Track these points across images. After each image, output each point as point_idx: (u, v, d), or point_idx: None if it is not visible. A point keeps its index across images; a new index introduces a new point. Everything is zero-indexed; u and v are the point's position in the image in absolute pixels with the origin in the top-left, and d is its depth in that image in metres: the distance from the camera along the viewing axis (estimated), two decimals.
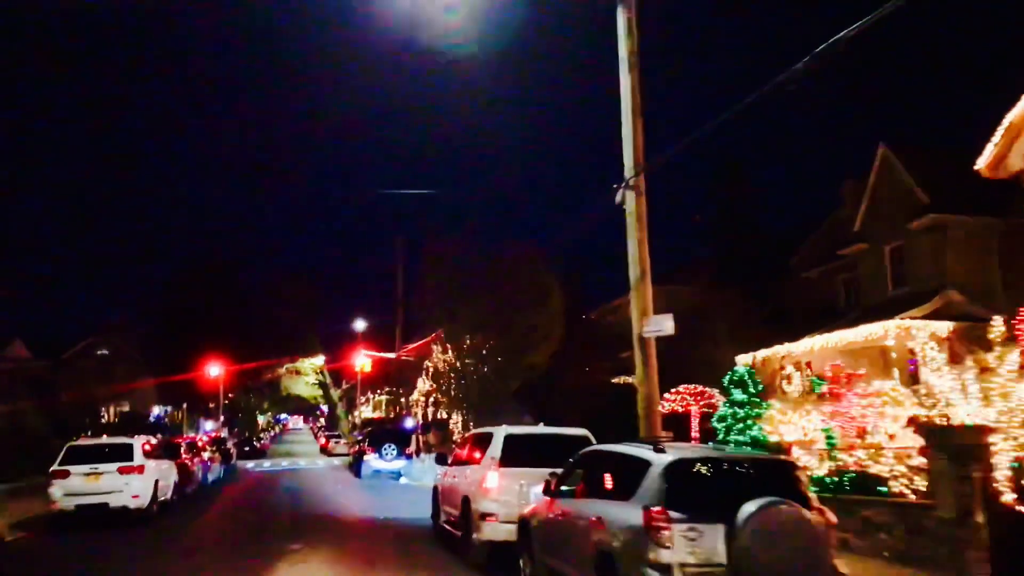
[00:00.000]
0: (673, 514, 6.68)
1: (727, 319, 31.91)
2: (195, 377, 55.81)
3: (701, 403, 26.42)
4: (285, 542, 13.51)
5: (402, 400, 44.79)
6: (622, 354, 34.35)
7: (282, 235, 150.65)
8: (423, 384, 43.53)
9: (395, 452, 29.81)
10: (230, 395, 70.39)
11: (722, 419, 17.30)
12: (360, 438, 35.12)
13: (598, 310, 38.20)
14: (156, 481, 17.13)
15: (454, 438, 42.51)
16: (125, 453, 16.56)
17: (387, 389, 79.63)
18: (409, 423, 45.20)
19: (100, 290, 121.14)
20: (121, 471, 16.22)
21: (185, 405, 45.79)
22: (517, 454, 11.44)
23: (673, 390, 27.77)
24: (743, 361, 27.91)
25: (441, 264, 22.31)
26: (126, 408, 55.93)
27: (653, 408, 12.57)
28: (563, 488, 9.11)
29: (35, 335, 60.40)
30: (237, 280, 63.10)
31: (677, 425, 27.16)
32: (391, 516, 17.68)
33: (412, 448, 30.72)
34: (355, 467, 32.15)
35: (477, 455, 12.42)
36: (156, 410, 61.69)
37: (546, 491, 9.37)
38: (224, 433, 72.30)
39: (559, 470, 10.27)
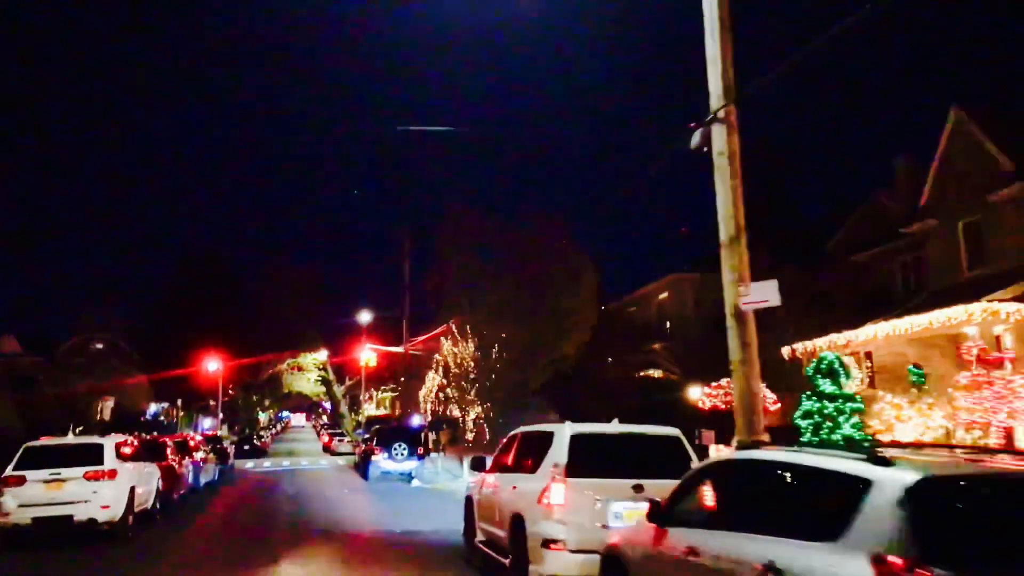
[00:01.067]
0: (938, 572, 3.82)
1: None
2: (192, 373, 53.00)
3: None
4: (284, 564, 10.71)
5: (417, 395, 41.92)
6: (648, 346, 31.58)
7: (283, 225, 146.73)
8: (432, 379, 40.70)
9: (406, 452, 26.99)
10: (231, 392, 67.59)
11: (807, 415, 14.45)
12: (367, 437, 32.28)
13: (620, 301, 35.38)
14: (132, 488, 14.29)
15: (466, 436, 39.77)
16: (94, 455, 13.73)
17: (391, 386, 76.86)
18: (415, 421, 42.44)
19: (96, 284, 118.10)
20: (88, 477, 13.40)
21: (180, 402, 42.85)
22: (589, 460, 8.62)
23: (714, 384, 25.00)
24: (786, 352, 25.17)
25: (460, 242, 19.40)
26: (118, 405, 53.05)
27: (755, 402, 9.78)
28: (682, 512, 6.28)
29: (29, 330, 57.52)
30: (236, 272, 60.32)
31: (717, 423, 24.43)
32: (409, 529, 14.84)
33: (424, 448, 27.87)
34: (362, 468, 29.30)
35: (528, 461, 9.60)
36: (153, 407, 58.84)
37: (653, 516, 6.51)
38: (224, 431, 69.56)
39: (657, 483, 7.49)
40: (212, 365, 49.45)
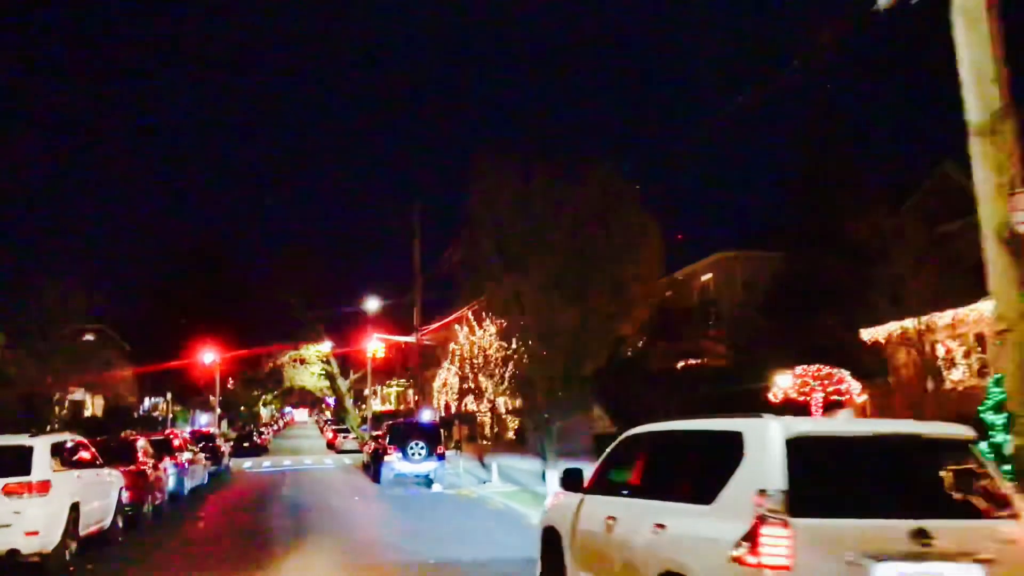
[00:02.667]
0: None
1: (825, 287, 25.40)
2: (189, 366, 49.14)
3: (830, 388, 19.74)
4: None
5: (430, 388, 38.09)
6: (691, 333, 27.69)
7: (283, 208, 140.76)
8: (448, 370, 36.83)
9: (424, 452, 23.09)
10: (230, 386, 63.77)
11: (998, 407, 10.41)
12: (379, 434, 28.42)
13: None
14: (74, 505, 10.43)
15: (485, 433, 35.94)
16: (18, 462, 9.85)
17: (397, 380, 72.88)
18: (426, 415, 38.57)
19: (86, 273, 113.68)
20: (8, 492, 9.56)
21: (169, 395, 38.99)
22: (824, 485, 4.75)
23: (794, 373, 21.15)
24: (869, 336, 21.32)
25: (495, 201, 15.51)
26: (109, 401, 49.20)
27: None
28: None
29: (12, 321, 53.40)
30: (233, 259, 56.46)
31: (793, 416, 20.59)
32: (446, 558, 10.94)
33: (443, 446, 24.00)
34: (373, 470, 25.42)
35: (684, 482, 5.75)
36: (147, 403, 54.97)
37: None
38: (223, 427, 65.69)
39: (951, 526, 4.01)
40: (208, 357, 45.48)
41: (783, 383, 17.10)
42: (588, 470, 7.48)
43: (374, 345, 41.53)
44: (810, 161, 28.05)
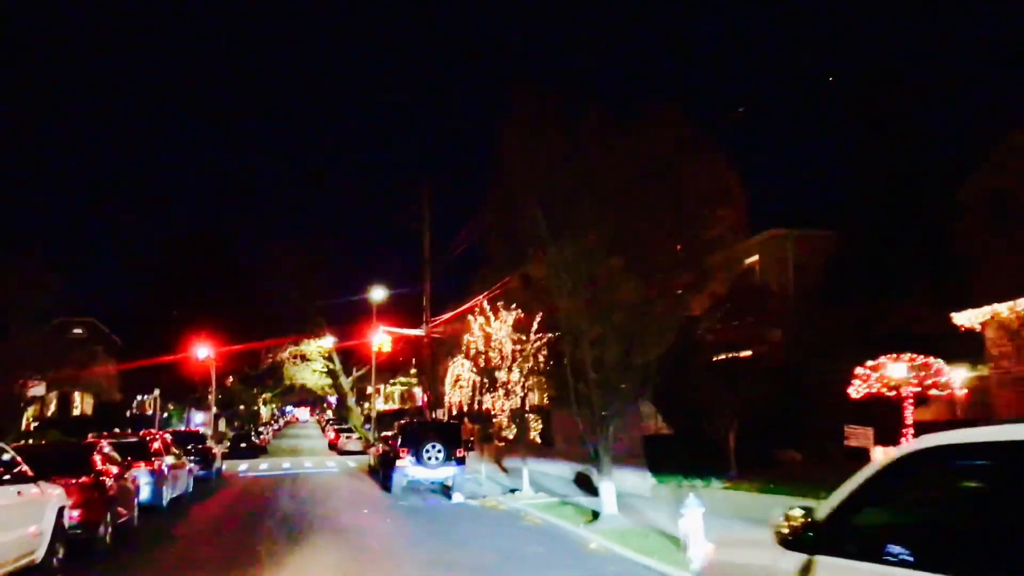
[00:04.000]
0: None
1: (893, 268, 22.27)
2: (183, 362, 45.79)
3: (928, 381, 16.42)
4: None
5: (441, 385, 34.75)
6: (734, 320, 24.44)
7: (282, 196, 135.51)
8: (460, 365, 33.52)
9: (442, 455, 19.84)
10: (229, 383, 60.45)
11: None
12: (388, 434, 25.15)
13: None
14: None
15: (503, 434, 32.67)
16: None
17: (400, 379, 69.60)
18: (438, 413, 35.41)
19: (76, 264, 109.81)
20: None
21: (157, 391, 35.71)
22: None
23: (869, 364, 17.87)
24: (968, 320, 18.05)
25: (536, 148, 12.26)
26: (99, 399, 45.95)
27: None
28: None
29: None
30: (230, 250, 53.20)
31: (872, 417, 17.46)
32: None
33: (464, 449, 20.74)
34: (382, 475, 22.20)
35: None
36: (142, 399, 51.66)
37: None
38: (221, 426, 62.36)
39: None
40: (202, 352, 42.17)
41: (896, 373, 13.81)
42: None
43: (380, 338, 38.21)
44: (869, 129, 24.82)
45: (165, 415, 51.42)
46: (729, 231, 12.75)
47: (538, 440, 28.11)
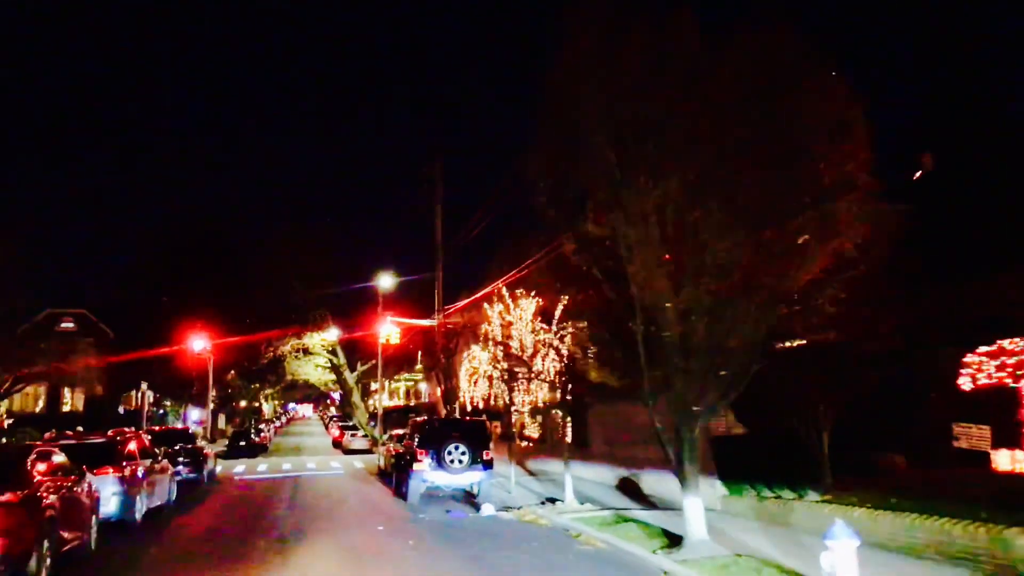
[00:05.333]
0: None
1: (980, 244, 19.25)
2: (178, 355, 42.73)
3: None
4: None
5: (455, 380, 31.67)
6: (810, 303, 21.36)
7: (282, 180, 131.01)
8: (477, 359, 30.45)
9: (467, 458, 16.82)
10: (230, 378, 57.38)
11: None
12: (402, 433, 22.12)
13: None
14: None
15: (526, 432, 29.61)
16: None
17: (406, 375, 66.40)
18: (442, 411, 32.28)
19: (67, 254, 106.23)
20: None
21: (145, 385, 32.64)
22: None
23: (983, 350, 14.85)
24: None
25: (602, 66, 9.17)
26: (90, 394, 42.88)
27: None
28: None
29: None
30: (228, 238, 50.05)
31: (988, 413, 14.53)
32: None
33: (490, 450, 17.68)
34: (396, 480, 19.18)
35: None
36: (138, 395, 48.51)
37: None
38: (221, 423, 59.31)
39: None
40: (198, 345, 39.09)
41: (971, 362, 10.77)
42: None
43: (387, 329, 35.11)
44: (942, 89, 21.75)
45: (161, 412, 48.40)
46: (858, 170, 9.65)
47: (567, 439, 25.06)
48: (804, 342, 15.75)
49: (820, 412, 13.31)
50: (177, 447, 21.59)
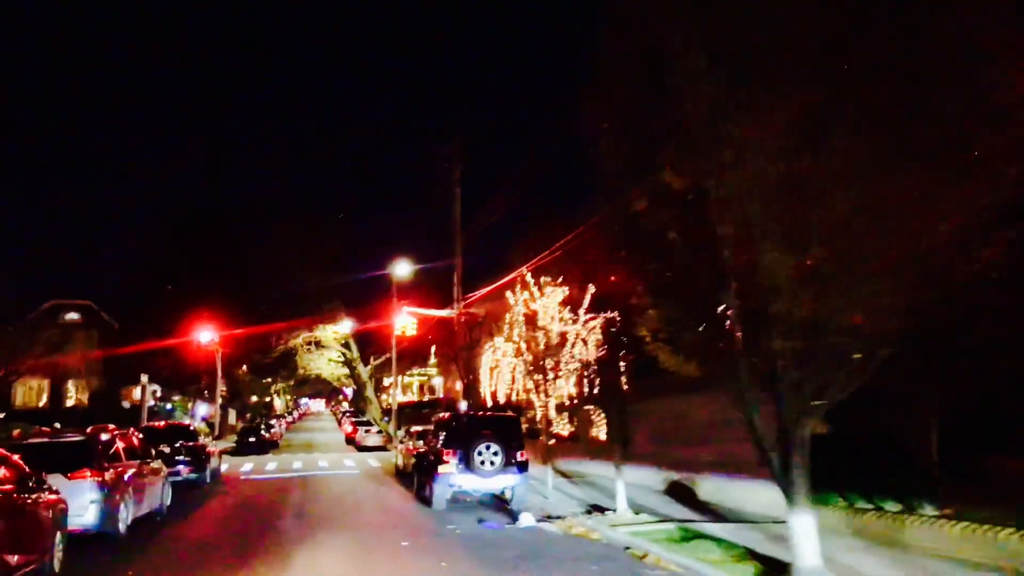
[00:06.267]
0: None
1: None
2: (184, 347, 40.80)
3: None
4: None
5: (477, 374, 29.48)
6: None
7: (294, 163, 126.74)
8: (501, 348, 28.28)
9: (499, 458, 14.66)
10: (243, 371, 55.51)
11: None
12: (424, 430, 20.01)
13: None
14: None
15: (555, 429, 27.38)
16: None
17: (420, 370, 64.32)
18: (461, 406, 30.11)
19: (71, 244, 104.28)
20: None
21: (145, 378, 30.64)
22: None
23: None
24: None
25: None
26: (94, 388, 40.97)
27: None
28: None
29: None
30: (238, 228, 48.14)
31: None
32: None
33: (525, 451, 15.50)
34: (418, 483, 17.02)
35: None
36: (136, 391, 46.57)
37: None
38: (230, 419, 57.40)
39: None
40: (205, 337, 37.09)
41: None
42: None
43: (403, 321, 32.98)
44: None
45: (169, 407, 46.50)
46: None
47: (601, 437, 22.86)
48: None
49: (929, 407, 11.07)
50: (177, 445, 19.59)
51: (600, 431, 22.35)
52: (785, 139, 7.72)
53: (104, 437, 12.19)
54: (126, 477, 12.19)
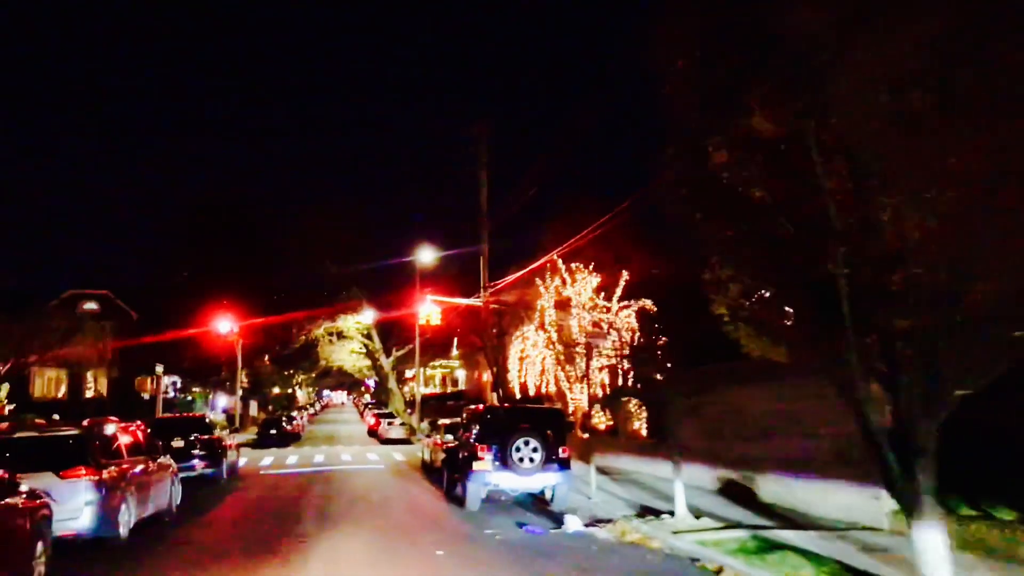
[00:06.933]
0: None
1: None
2: (205, 340, 39.78)
3: None
4: None
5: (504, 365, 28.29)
6: None
7: (314, 156, 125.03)
8: (531, 337, 26.90)
9: (540, 454, 13.24)
10: (266, 362, 54.55)
11: None
12: (452, 422, 18.62)
13: None
14: None
15: (592, 423, 25.90)
16: None
17: (443, 362, 62.97)
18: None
19: (90, 233, 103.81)
20: None
21: (160, 368, 29.56)
22: None
23: None
24: None
25: None
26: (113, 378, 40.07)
27: None
28: None
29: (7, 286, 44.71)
30: (259, 217, 47.06)
31: None
32: None
33: (568, 446, 14.04)
34: (449, 480, 15.64)
35: None
36: (165, 380, 45.70)
37: None
38: (252, 410, 56.53)
39: None
40: (224, 327, 35.98)
41: None
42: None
43: (427, 309, 31.62)
44: None
45: (189, 398, 45.61)
46: None
47: (642, 431, 21.39)
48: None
49: None
50: (191, 438, 18.39)
51: (640, 424, 20.88)
52: (914, 63, 6.19)
53: (103, 431, 10.90)
54: (128, 475, 10.91)
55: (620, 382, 24.42)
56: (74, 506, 9.60)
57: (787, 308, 7.90)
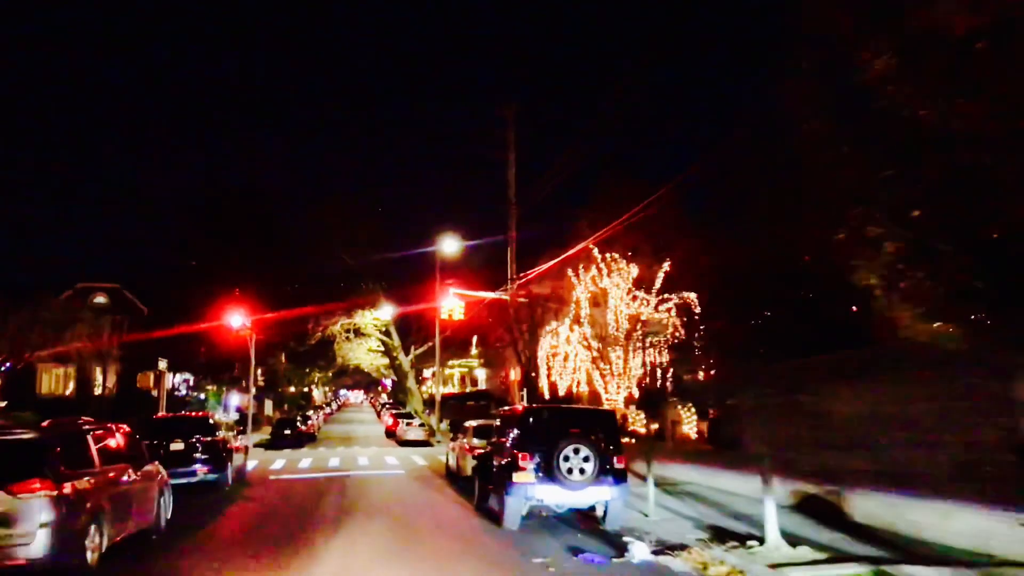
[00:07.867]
0: None
1: None
2: (217, 336, 38.01)
3: None
4: None
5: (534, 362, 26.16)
6: None
7: (331, 147, 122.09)
8: (564, 334, 24.81)
9: (591, 467, 11.13)
10: (283, 360, 52.82)
11: None
12: (486, 424, 16.58)
13: None
14: None
15: (631, 427, 23.71)
16: None
17: (456, 361, 60.89)
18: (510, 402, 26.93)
19: (101, 227, 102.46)
20: None
21: (164, 364, 27.75)
22: None
23: None
24: None
25: None
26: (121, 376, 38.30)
27: None
28: None
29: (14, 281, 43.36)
30: (274, 210, 45.27)
31: None
32: None
33: (623, 455, 11.90)
34: (481, 492, 13.56)
35: None
36: (176, 378, 44.06)
37: None
38: (267, 409, 54.83)
39: None
40: (237, 321, 34.14)
41: None
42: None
43: (450, 303, 29.58)
44: None
45: (201, 396, 43.88)
46: None
47: (692, 436, 19.21)
48: None
49: None
50: (193, 440, 16.45)
51: (690, 428, 18.71)
52: None
53: (68, 434, 8.92)
54: (101, 487, 8.93)
55: (659, 382, 22.29)
56: (26, 528, 7.65)
57: (967, 274, 5.74)
